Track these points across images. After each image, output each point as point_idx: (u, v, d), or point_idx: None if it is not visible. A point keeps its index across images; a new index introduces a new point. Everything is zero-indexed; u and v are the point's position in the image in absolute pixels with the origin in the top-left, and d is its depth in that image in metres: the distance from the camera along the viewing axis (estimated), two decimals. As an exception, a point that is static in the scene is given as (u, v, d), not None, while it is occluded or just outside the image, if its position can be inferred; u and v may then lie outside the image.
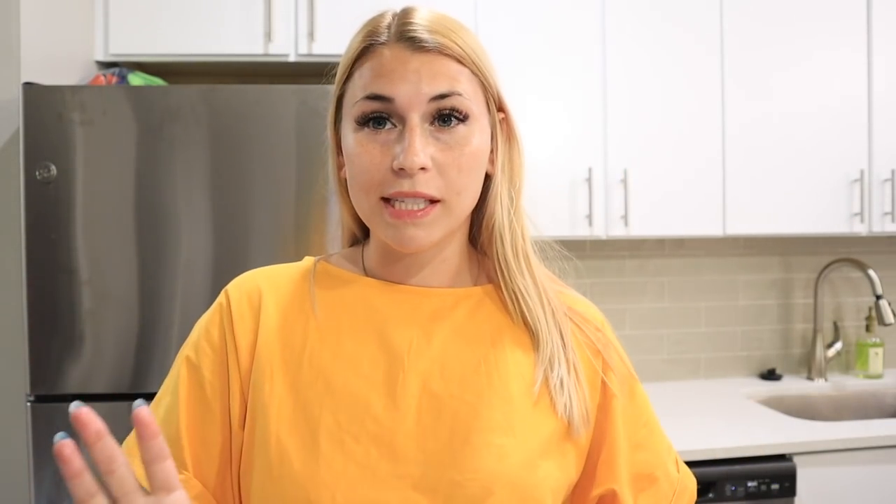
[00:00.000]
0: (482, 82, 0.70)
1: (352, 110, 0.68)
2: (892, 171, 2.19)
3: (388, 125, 0.67)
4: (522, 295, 0.72)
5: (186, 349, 0.73)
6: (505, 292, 0.73)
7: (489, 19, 2.02)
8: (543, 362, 0.71)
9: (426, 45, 0.66)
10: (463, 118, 0.67)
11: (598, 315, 0.79)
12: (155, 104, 1.62)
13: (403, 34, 0.67)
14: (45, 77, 1.70)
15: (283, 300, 0.73)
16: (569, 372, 0.71)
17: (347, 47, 0.71)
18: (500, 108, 0.73)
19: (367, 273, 0.75)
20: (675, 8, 2.11)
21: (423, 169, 0.65)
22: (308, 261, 0.78)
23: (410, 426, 0.67)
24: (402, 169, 0.64)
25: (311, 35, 1.94)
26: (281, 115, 1.64)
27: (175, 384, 0.71)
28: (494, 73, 0.71)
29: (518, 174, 0.74)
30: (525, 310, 0.72)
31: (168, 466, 0.51)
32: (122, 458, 0.49)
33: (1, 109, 1.68)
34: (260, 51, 1.94)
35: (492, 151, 0.72)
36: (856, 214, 2.18)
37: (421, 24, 0.67)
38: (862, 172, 2.17)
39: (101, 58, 1.93)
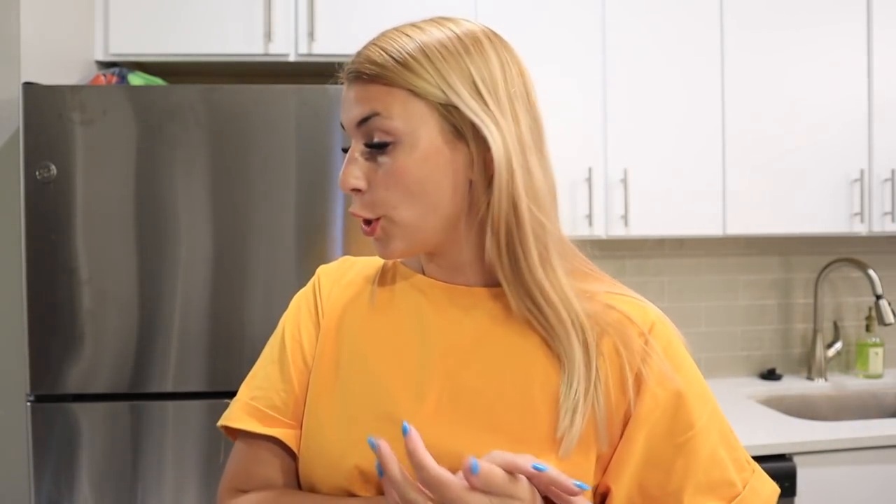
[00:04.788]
0: (427, 99, 0.68)
1: None
2: (892, 171, 2.19)
3: None
4: (535, 300, 0.70)
5: (289, 327, 0.81)
6: (517, 296, 0.71)
7: (489, 22, 2.02)
8: (565, 382, 0.69)
9: (363, 75, 0.69)
10: (389, 139, 0.68)
11: (646, 317, 0.77)
12: (155, 104, 1.62)
13: (350, 70, 0.71)
14: (45, 77, 1.70)
15: (353, 288, 0.82)
16: (585, 397, 0.68)
17: None
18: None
19: (423, 271, 0.80)
20: (677, 8, 2.12)
21: (358, 191, 0.70)
22: None
23: (429, 412, 0.71)
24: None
25: (311, 35, 1.94)
26: (281, 115, 1.64)
27: (278, 354, 0.80)
28: (460, 87, 0.68)
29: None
30: (539, 316, 0.70)
31: None
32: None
33: (1, 109, 1.68)
34: (260, 51, 1.94)
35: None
36: (856, 214, 2.18)
37: (370, 54, 0.69)
38: (862, 172, 2.17)
39: (101, 58, 1.94)
